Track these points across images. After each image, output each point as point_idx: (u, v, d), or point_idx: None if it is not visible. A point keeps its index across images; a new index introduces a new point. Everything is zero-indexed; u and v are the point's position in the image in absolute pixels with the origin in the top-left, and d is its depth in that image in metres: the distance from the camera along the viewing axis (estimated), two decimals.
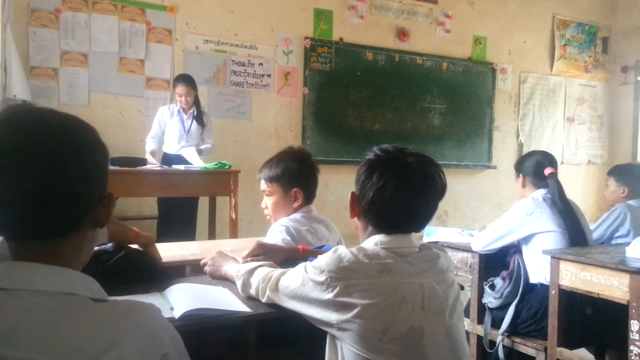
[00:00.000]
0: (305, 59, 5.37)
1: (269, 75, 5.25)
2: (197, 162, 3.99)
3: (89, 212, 0.82)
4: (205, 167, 3.88)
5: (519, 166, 2.68)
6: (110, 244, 1.51)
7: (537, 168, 2.56)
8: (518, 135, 6.74)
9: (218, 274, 1.57)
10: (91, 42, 4.53)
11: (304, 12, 5.40)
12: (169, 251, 2.19)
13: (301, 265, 1.21)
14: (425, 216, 1.22)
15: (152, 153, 4.20)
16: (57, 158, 0.76)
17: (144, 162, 3.78)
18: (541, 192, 2.50)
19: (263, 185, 1.97)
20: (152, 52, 4.76)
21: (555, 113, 7.00)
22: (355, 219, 1.29)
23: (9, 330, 0.70)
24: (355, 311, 1.09)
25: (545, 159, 2.59)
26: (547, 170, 2.52)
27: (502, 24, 6.52)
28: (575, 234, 2.37)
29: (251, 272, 1.36)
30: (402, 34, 5.87)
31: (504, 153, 6.46)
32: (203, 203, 4.47)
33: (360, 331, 1.09)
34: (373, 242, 1.20)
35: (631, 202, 2.85)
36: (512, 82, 6.65)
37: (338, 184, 5.52)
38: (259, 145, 5.08)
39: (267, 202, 1.98)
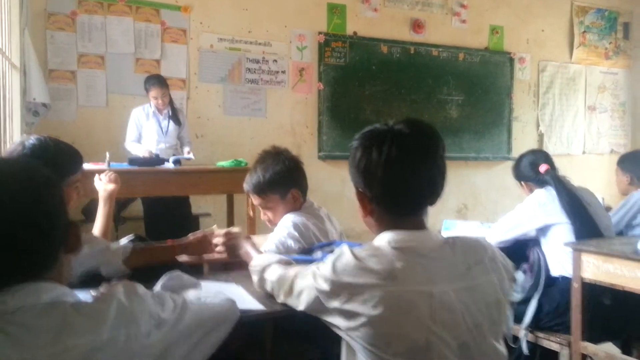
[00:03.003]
0: (319, 54, 5.35)
1: (283, 72, 5.25)
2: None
3: (60, 244, 0.90)
4: (222, 165, 3.89)
5: (517, 174, 2.63)
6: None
7: (533, 169, 2.52)
8: (538, 126, 6.63)
9: (236, 252, 1.58)
10: (107, 43, 4.58)
11: (317, 7, 5.38)
12: None
13: (312, 270, 1.13)
14: (439, 182, 1.10)
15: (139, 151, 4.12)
16: (19, 206, 0.83)
17: (161, 161, 3.81)
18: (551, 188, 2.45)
19: (256, 200, 1.89)
20: (167, 52, 4.80)
21: (576, 102, 6.86)
22: (368, 217, 1.16)
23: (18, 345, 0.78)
24: (360, 321, 1.01)
25: (536, 157, 2.54)
26: (542, 168, 2.47)
27: (519, 12, 6.41)
28: (583, 225, 2.31)
29: (265, 269, 1.35)
30: (417, 25, 5.81)
31: (524, 144, 6.34)
32: (221, 201, 4.49)
33: (367, 341, 1.02)
34: (385, 239, 1.09)
35: None
36: (531, 71, 6.53)
37: None
38: (275, 141, 4.97)
39: (268, 213, 1.90)
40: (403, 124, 1.10)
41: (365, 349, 1.03)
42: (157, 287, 1.17)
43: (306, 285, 1.12)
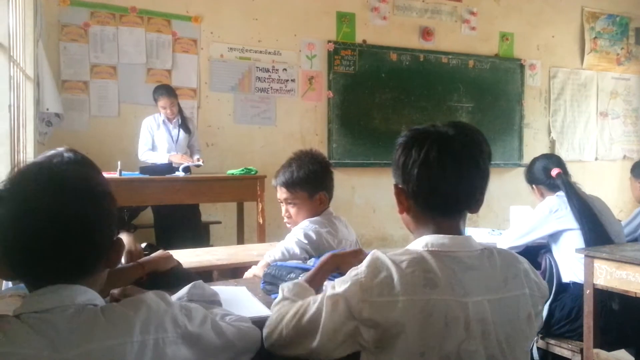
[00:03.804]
0: (328, 62, 5.38)
1: (293, 80, 5.28)
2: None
3: (104, 256, 0.93)
4: (232, 173, 3.92)
5: (529, 177, 2.63)
6: None
7: (545, 173, 2.51)
8: (549, 132, 6.59)
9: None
10: (119, 54, 4.64)
11: (326, 16, 5.41)
12: (197, 256, 2.23)
13: (331, 284, 1.05)
14: (479, 187, 1.08)
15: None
16: (77, 209, 0.88)
17: (172, 170, 3.84)
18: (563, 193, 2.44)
19: (284, 194, 1.88)
20: (178, 62, 4.85)
21: (588, 108, 6.81)
22: (405, 214, 1.12)
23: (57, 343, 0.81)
24: (392, 331, 0.96)
25: (549, 162, 2.53)
26: (554, 171, 2.47)
27: (529, 18, 6.40)
28: (593, 232, 2.29)
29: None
30: (426, 33, 5.81)
31: (536, 150, 6.30)
32: (231, 209, 4.51)
33: (397, 352, 0.96)
34: (423, 243, 1.05)
35: None
36: (542, 77, 6.50)
37: (365, 186, 5.50)
38: (285, 150, 5.03)
39: (291, 210, 1.90)
40: (450, 126, 1.08)
41: None
42: (179, 294, 1.18)
43: (323, 304, 1.03)
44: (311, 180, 1.85)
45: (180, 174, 3.80)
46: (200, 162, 4.14)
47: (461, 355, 0.97)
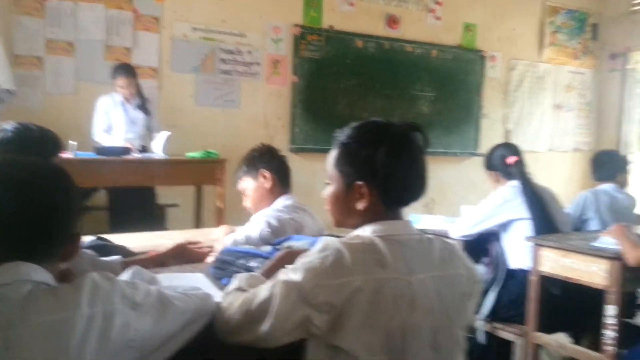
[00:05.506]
0: (294, 46, 5.34)
1: (258, 64, 5.23)
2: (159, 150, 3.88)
3: (61, 245, 0.98)
4: (192, 156, 3.87)
5: (487, 163, 2.73)
6: None
7: (502, 160, 2.60)
8: (506, 123, 6.76)
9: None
10: (77, 30, 4.48)
11: None
12: (149, 240, 2.21)
13: (282, 272, 1.08)
14: (425, 177, 1.17)
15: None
16: (31, 195, 0.93)
17: (127, 151, 3.76)
18: (517, 182, 2.53)
19: (239, 185, 2.07)
20: (139, 40, 4.72)
21: (544, 100, 7.02)
22: (364, 208, 1.15)
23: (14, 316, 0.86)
24: (345, 310, 1.01)
25: (507, 150, 2.64)
26: (511, 159, 2.56)
27: (493, 10, 6.50)
28: (542, 220, 2.40)
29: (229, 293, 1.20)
30: (392, 21, 5.84)
31: (492, 140, 6.43)
32: (190, 192, 4.47)
33: (348, 330, 1.01)
34: (370, 230, 1.12)
35: (599, 187, 2.94)
36: (501, 69, 6.65)
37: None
38: (248, 133, 5.06)
39: (246, 199, 2.06)
40: (403, 123, 1.18)
41: (347, 342, 1.02)
42: (123, 277, 1.18)
43: (275, 289, 1.05)
44: (251, 164, 2.03)
45: (136, 155, 3.73)
46: (168, 133, 3.96)
47: (406, 330, 1.04)
